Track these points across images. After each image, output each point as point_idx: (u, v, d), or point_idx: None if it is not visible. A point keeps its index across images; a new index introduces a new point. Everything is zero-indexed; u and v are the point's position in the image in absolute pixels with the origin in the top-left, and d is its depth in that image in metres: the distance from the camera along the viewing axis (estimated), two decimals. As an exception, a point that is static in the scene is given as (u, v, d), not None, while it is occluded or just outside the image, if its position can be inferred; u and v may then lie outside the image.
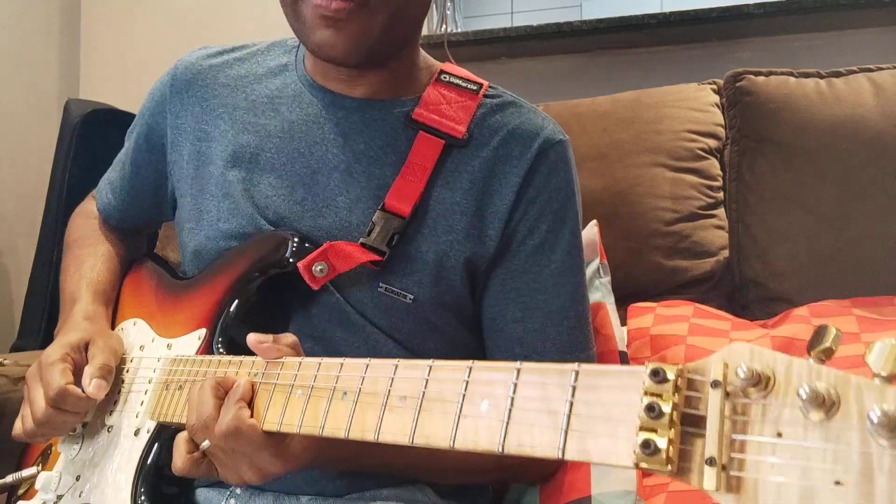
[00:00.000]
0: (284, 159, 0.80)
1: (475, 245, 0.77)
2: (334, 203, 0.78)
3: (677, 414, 0.38)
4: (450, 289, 0.77)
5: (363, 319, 0.76)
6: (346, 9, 0.70)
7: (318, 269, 0.73)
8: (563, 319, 0.79)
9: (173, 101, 0.88)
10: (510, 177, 0.78)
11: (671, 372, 0.38)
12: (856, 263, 1.16)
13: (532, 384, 0.44)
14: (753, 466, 0.35)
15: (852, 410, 0.33)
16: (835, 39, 1.59)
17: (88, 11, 2.06)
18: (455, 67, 0.86)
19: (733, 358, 0.37)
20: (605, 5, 2.08)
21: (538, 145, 0.80)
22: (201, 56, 0.90)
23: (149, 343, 0.82)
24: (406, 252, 0.76)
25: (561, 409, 0.42)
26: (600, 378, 0.42)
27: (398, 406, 0.50)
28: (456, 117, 0.80)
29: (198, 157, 0.84)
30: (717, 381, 0.37)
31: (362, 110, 0.80)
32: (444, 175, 0.78)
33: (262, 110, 0.83)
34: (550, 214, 0.79)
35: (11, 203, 1.82)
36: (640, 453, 0.37)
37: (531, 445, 0.43)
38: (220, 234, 0.81)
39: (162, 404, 0.72)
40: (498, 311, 0.79)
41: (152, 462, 0.71)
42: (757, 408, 0.36)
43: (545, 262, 0.79)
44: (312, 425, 0.55)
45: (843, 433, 0.33)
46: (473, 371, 0.48)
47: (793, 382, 0.35)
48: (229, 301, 0.76)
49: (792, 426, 0.35)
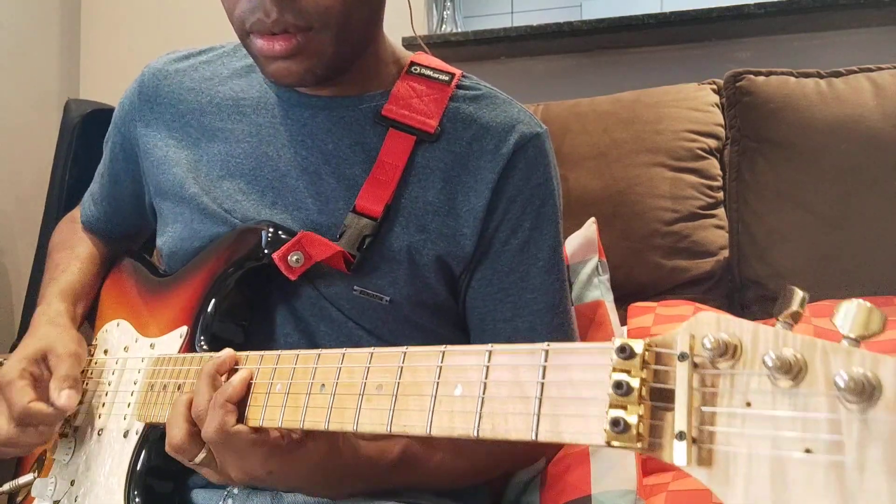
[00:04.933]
0: (253, 164, 0.79)
1: (448, 244, 0.76)
2: (304, 205, 0.77)
3: (646, 389, 0.37)
4: (426, 287, 0.76)
5: (343, 316, 0.76)
6: (290, 47, 0.69)
7: (294, 259, 0.72)
8: (552, 316, 0.79)
9: (142, 108, 0.87)
10: (485, 172, 0.76)
11: (638, 346, 0.37)
12: (856, 263, 1.16)
13: (504, 367, 0.44)
14: (724, 438, 0.34)
15: (819, 376, 0.32)
16: (835, 39, 1.59)
17: (88, 11, 2.06)
18: (427, 57, 0.84)
19: (699, 328, 0.36)
20: (605, 5, 2.08)
21: (514, 140, 0.77)
22: (168, 61, 0.89)
23: (133, 343, 0.82)
24: (379, 252, 0.75)
25: (532, 392, 0.42)
26: (570, 356, 0.42)
27: (375, 395, 0.50)
28: (427, 111, 0.78)
29: (167, 163, 0.84)
30: (684, 354, 0.36)
31: (329, 108, 0.79)
32: (416, 172, 0.76)
33: (227, 114, 0.83)
34: (532, 212, 0.78)
35: (11, 203, 1.82)
36: (611, 431, 0.37)
37: (505, 430, 0.43)
38: (195, 235, 0.80)
39: (148, 405, 0.72)
40: (486, 312, 0.78)
41: (143, 463, 0.71)
42: (725, 378, 0.35)
43: (531, 260, 0.78)
44: (293, 419, 0.55)
45: (811, 399, 0.32)
46: (446, 356, 0.48)
47: (759, 350, 0.34)
48: (209, 297, 0.75)
49: (761, 395, 0.34)
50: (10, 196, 1.82)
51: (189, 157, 0.82)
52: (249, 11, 0.68)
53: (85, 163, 1.67)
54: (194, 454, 0.61)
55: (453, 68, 0.83)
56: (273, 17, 0.67)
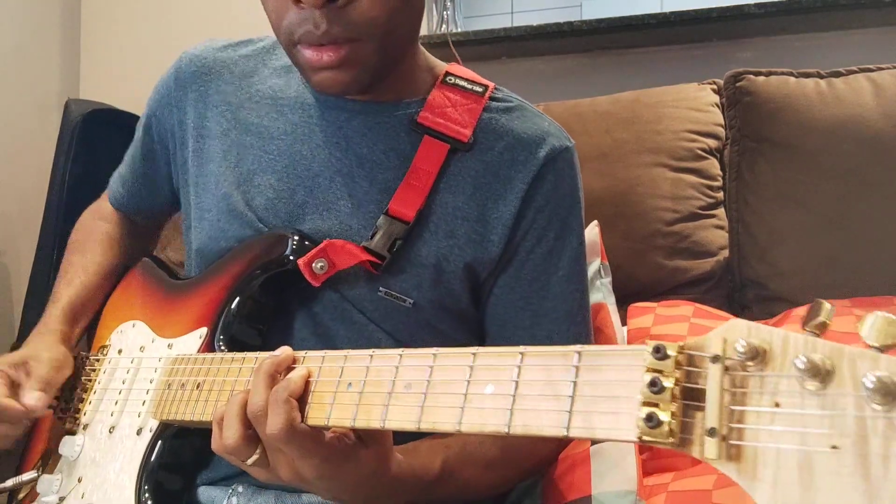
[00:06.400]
0: (286, 161, 0.80)
1: (476, 250, 0.77)
2: (336, 206, 0.78)
3: (679, 389, 0.39)
4: (449, 293, 0.77)
5: (364, 318, 0.76)
6: (338, 57, 0.69)
7: (319, 266, 0.73)
8: (570, 325, 0.80)
9: (178, 94, 0.87)
10: (516, 182, 0.78)
11: (672, 349, 0.39)
12: (856, 263, 1.16)
13: (536, 367, 0.45)
14: (752, 435, 0.36)
15: (846, 378, 0.34)
16: (835, 39, 1.59)
17: (88, 11, 2.06)
18: (461, 68, 0.85)
19: (732, 333, 0.38)
20: (605, 5, 2.08)
21: (545, 152, 0.79)
22: (207, 49, 0.89)
23: (149, 344, 0.82)
24: (406, 256, 0.75)
25: (565, 390, 0.43)
26: (603, 358, 0.43)
27: (403, 393, 0.51)
28: (461, 121, 0.79)
29: (200, 153, 0.84)
30: (716, 356, 0.38)
31: (365, 113, 0.80)
32: (448, 179, 0.78)
33: (265, 111, 0.83)
34: (558, 222, 0.79)
35: (11, 203, 1.82)
36: (644, 426, 0.39)
37: (538, 426, 0.44)
38: (222, 235, 0.81)
39: (165, 403, 0.72)
40: (507, 319, 0.79)
41: (155, 460, 0.72)
42: (755, 380, 0.37)
43: (553, 269, 0.79)
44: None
45: (839, 400, 0.34)
46: (478, 357, 0.49)
47: (789, 355, 0.36)
48: (230, 300, 0.76)
49: (789, 396, 0.35)
50: (10, 196, 1.82)
51: (221, 148, 0.83)
52: (298, 24, 0.69)
53: (85, 163, 1.67)
54: (249, 455, 0.58)
55: (486, 80, 0.84)
56: (323, 29, 0.67)
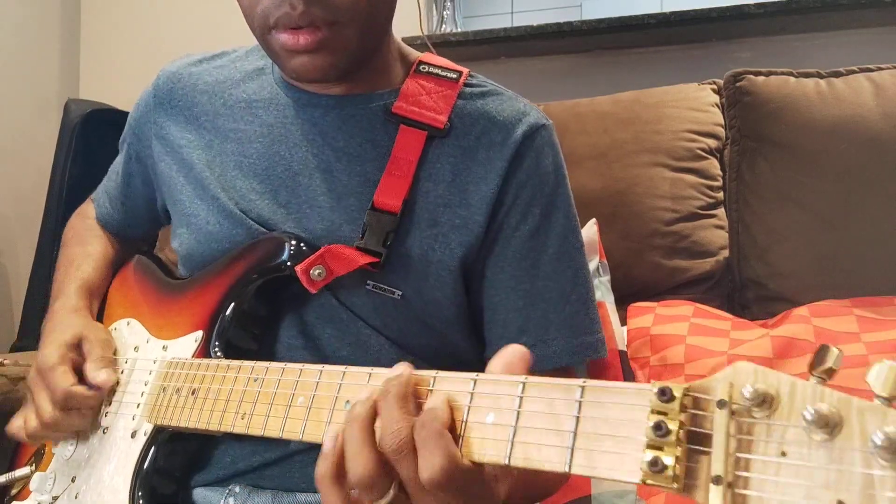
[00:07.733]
0: (266, 163, 0.80)
1: (461, 234, 0.76)
2: (317, 203, 0.77)
3: (683, 432, 0.38)
4: (438, 284, 0.76)
5: (353, 316, 0.76)
6: (315, 40, 0.69)
7: (317, 273, 0.72)
8: (564, 305, 0.78)
9: (157, 111, 0.88)
10: (495, 162, 0.77)
11: (678, 391, 0.39)
12: (856, 263, 1.16)
13: (538, 399, 0.44)
14: (758, 485, 0.36)
15: (854, 432, 0.34)
16: (835, 39, 1.59)
17: (88, 11, 2.06)
18: (434, 57, 0.85)
19: (739, 378, 0.37)
20: (605, 5, 2.08)
21: (523, 130, 0.78)
22: (182, 65, 0.90)
23: (143, 344, 0.82)
24: (393, 248, 0.75)
25: (567, 426, 0.43)
26: (606, 395, 0.42)
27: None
28: (436, 107, 0.79)
29: (183, 165, 0.84)
30: (723, 401, 0.37)
31: (339, 107, 0.79)
32: (427, 167, 0.77)
33: (240, 115, 0.83)
34: (542, 198, 0.78)
35: (11, 203, 1.82)
36: (648, 470, 0.38)
37: (539, 460, 0.43)
38: (210, 238, 0.80)
39: (160, 408, 0.72)
40: (498, 301, 0.78)
41: (150, 464, 0.71)
42: (761, 427, 0.36)
43: (541, 247, 0.78)
44: None
45: (846, 454, 0.34)
46: (478, 384, 0.48)
47: (797, 403, 0.36)
48: (226, 304, 0.75)
49: (796, 446, 0.35)
50: (10, 196, 1.82)
51: (203, 158, 0.83)
52: (275, 6, 0.68)
53: (85, 163, 1.67)
54: (381, 493, 0.48)
55: (460, 67, 0.84)
56: (300, 10, 0.67)
